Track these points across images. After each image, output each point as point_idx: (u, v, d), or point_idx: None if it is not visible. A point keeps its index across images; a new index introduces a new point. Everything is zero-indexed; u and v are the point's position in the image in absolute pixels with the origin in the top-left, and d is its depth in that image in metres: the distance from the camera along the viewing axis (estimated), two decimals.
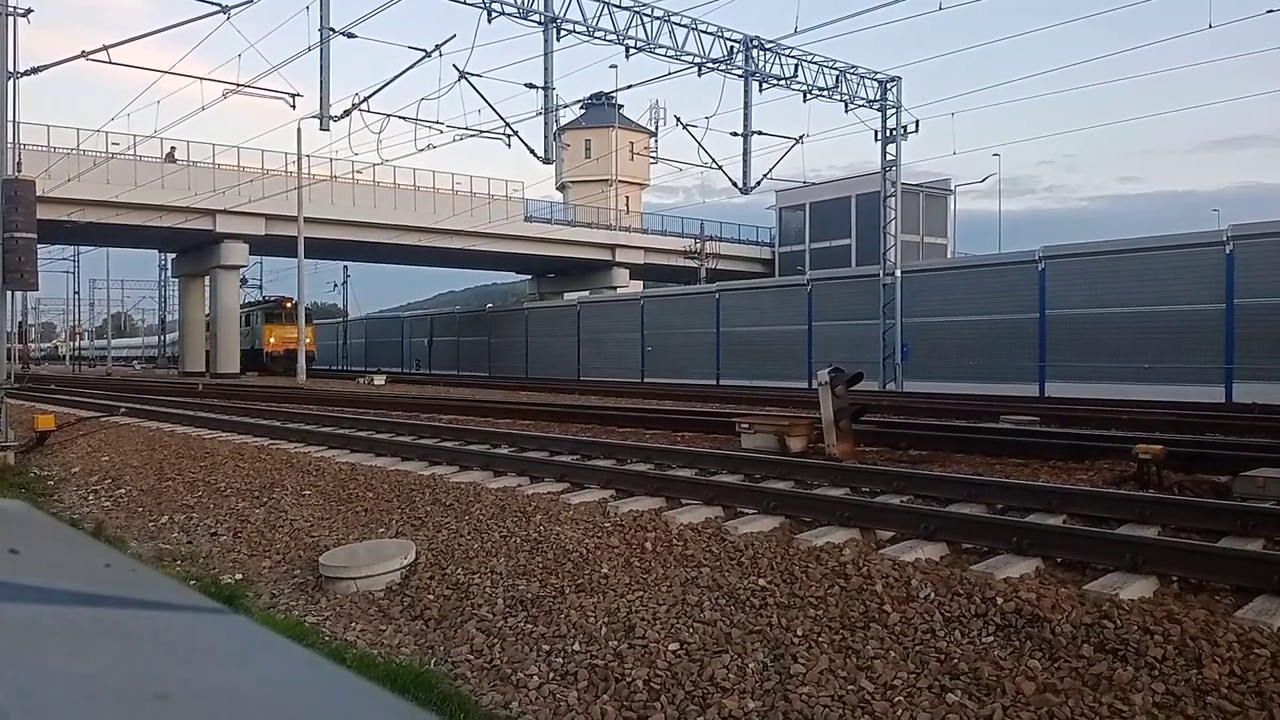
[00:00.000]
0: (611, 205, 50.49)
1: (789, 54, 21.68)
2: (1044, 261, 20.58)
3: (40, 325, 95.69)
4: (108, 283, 70.13)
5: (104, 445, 13.09)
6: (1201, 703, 3.36)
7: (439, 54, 18.61)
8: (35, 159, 28.16)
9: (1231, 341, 17.49)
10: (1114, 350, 19.12)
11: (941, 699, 3.66)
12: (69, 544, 1.08)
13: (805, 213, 47.20)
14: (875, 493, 6.78)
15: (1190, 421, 11.45)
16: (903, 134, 23.07)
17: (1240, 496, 6.18)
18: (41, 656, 0.59)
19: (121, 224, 35.51)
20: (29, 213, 12.96)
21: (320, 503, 8.15)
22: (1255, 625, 3.73)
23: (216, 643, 0.72)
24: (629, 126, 51.25)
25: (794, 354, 25.62)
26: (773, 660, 4.17)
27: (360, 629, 5.45)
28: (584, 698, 4.23)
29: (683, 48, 20.41)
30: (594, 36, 19.20)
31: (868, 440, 9.60)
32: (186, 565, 7.16)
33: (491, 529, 6.52)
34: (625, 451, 9.06)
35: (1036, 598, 4.18)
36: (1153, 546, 4.71)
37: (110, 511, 9.45)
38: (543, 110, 19.40)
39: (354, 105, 19.27)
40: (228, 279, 40.96)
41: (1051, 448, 8.78)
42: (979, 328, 21.80)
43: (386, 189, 39.49)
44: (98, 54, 17.36)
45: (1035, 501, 6.06)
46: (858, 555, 5.02)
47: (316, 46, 17.47)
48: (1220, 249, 17.83)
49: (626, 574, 5.36)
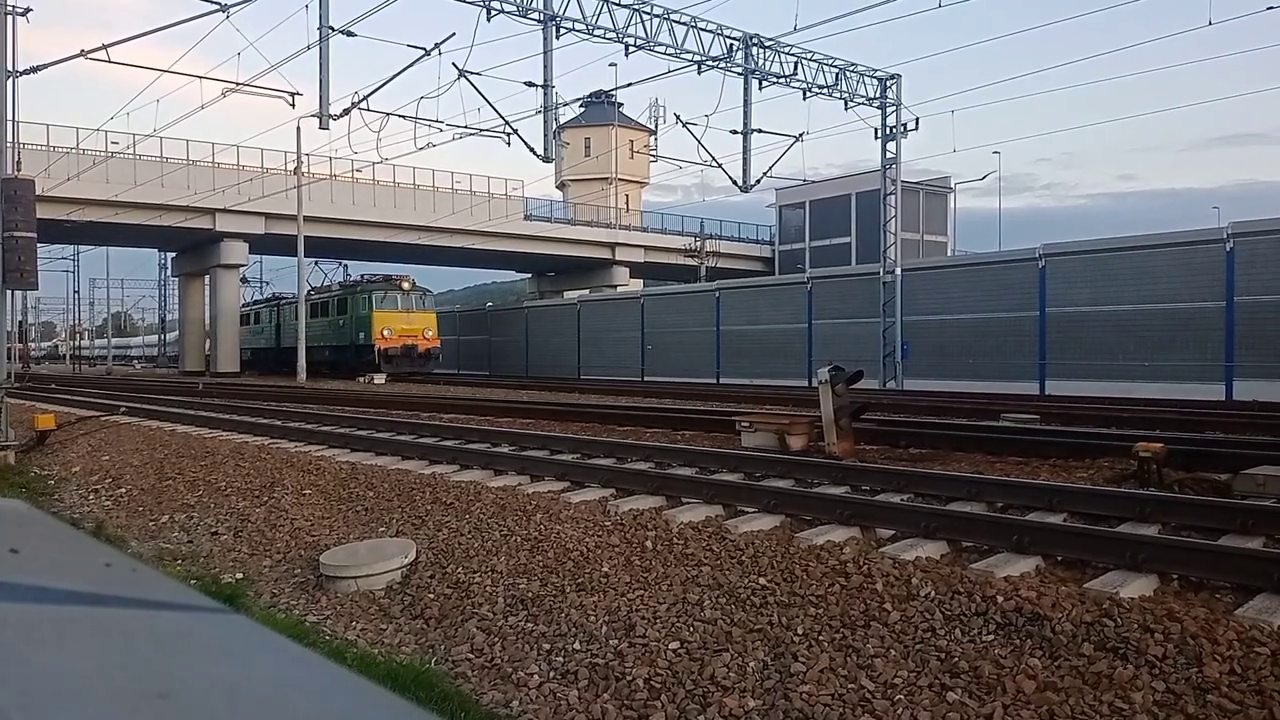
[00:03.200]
0: (611, 204, 50.48)
1: (789, 52, 21.67)
2: (1044, 259, 20.57)
3: (40, 324, 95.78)
4: (107, 282, 70.37)
5: (104, 445, 13.09)
6: (1202, 701, 3.36)
7: (438, 52, 18.61)
8: (35, 158, 28.17)
9: (1232, 339, 17.49)
10: (1114, 348, 19.12)
11: (942, 697, 3.66)
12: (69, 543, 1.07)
13: (805, 211, 47.22)
14: (875, 491, 6.78)
15: (1190, 419, 11.44)
16: (902, 132, 23.05)
17: (1240, 494, 6.18)
18: (42, 656, 0.59)
19: (121, 223, 35.54)
20: (29, 212, 12.96)
21: (321, 502, 8.15)
22: (1255, 623, 3.73)
23: (217, 642, 0.71)
24: (629, 125, 51.26)
25: (794, 352, 25.61)
26: (773, 659, 4.17)
27: (361, 628, 5.45)
28: (584, 696, 4.23)
29: (682, 46, 20.40)
30: (593, 34, 19.18)
31: (868, 438, 9.60)
32: (187, 564, 7.16)
33: (492, 528, 6.52)
34: (625, 450, 9.06)
35: (1037, 596, 4.18)
36: (1153, 545, 4.71)
37: (111, 511, 9.46)
38: (542, 108, 19.39)
39: (354, 104, 19.27)
40: (227, 278, 40.98)
41: (1052, 446, 8.78)
42: (979, 326, 21.79)
43: (386, 188, 39.51)
44: (97, 53, 17.35)
45: (1035, 500, 6.05)
46: (858, 554, 5.02)
47: (316, 45, 17.46)
48: (1220, 247, 17.82)
49: (627, 573, 5.36)
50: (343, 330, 33.66)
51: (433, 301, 34.76)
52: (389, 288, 32.36)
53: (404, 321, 31.65)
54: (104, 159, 31.48)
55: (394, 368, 30.42)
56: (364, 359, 31.46)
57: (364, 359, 31.46)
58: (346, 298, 33.91)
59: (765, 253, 50.84)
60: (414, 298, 32.68)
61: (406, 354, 31.00)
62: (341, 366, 32.98)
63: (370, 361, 30.83)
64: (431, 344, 32.20)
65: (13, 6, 13.88)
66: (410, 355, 31.02)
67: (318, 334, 34.53)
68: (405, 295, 32.37)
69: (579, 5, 18.93)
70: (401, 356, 30.87)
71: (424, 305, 33.20)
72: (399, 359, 30.84)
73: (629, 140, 49.06)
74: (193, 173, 34.89)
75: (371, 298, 32.11)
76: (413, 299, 32.52)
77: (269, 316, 42.48)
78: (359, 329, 32.25)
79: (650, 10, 19.83)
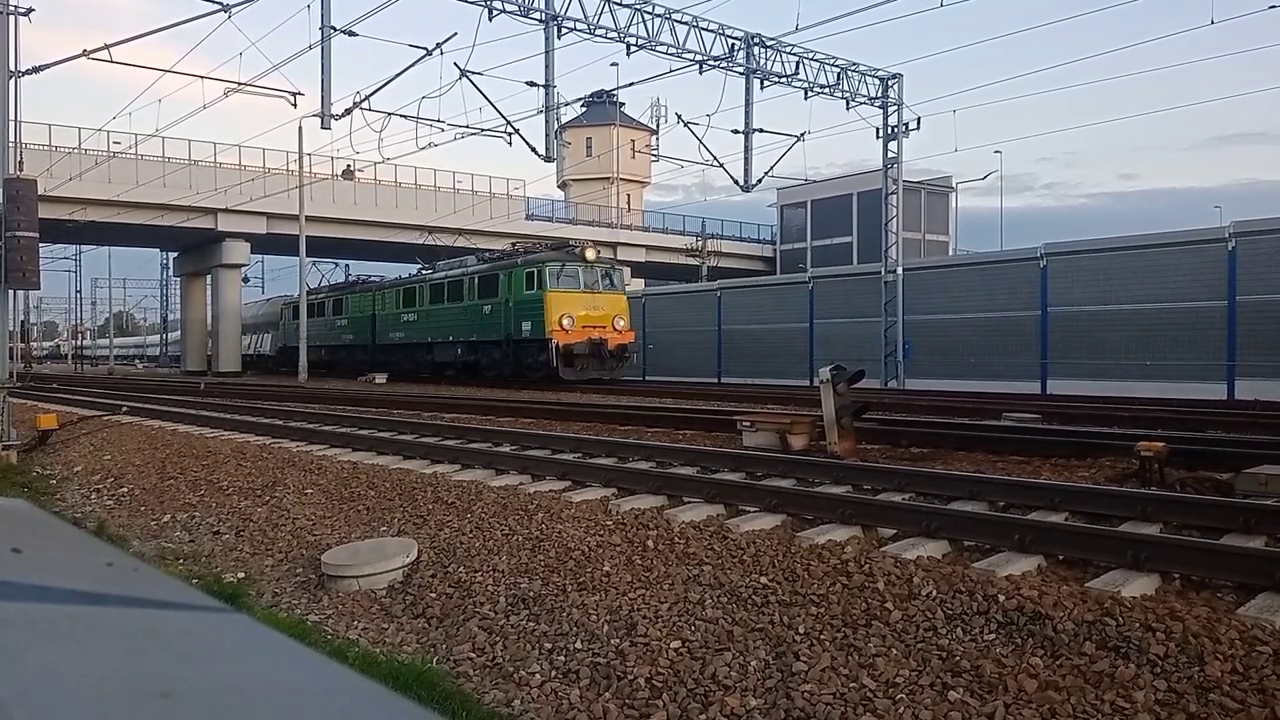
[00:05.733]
0: (613, 203, 50.51)
1: (790, 51, 21.67)
2: (1046, 259, 20.56)
3: (42, 324, 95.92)
4: (109, 281, 70.29)
5: (106, 444, 13.11)
6: (1204, 700, 3.35)
7: (440, 52, 18.64)
8: (37, 158, 28.21)
9: (1234, 338, 17.47)
10: (1116, 347, 19.10)
11: (943, 696, 3.66)
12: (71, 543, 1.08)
13: (807, 210, 47.20)
14: (877, 490, 6.78)
15: (1192, 419, 11.43)
16: (904, 131, 23.04)
17: (1242, 494, 6.18)
18: (44, 656, 0.59)
19: (123, 223, 35.61)
20: (31, 212, 12.98)
21: (322, 501, 8.16)
22: (1257, 623, 3.73)
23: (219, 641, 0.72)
24: (630, 124, 51.27)
25: (795, 352, 25.60)
26: (775, 658, 4.17)
27: (362, 627, 5.46)
28: (586, 695, 4.23)
29: (684, 45, 20.41)
30: (595, 34, 19.19)
31: (869, 438, 9.60)
32: (189, 564, 7.17)
33: (493, 527, 6.52)
34: (627, 449, 9.06)
35: (1038, 595, 4.18)
36: (1155, 544, 4.70)
37: (113, 510, 9.47)
38: (544, 108, 19.40)
39: (355, 104, 19.29)
40: (230, 277, 41.04)
41: (1053, 445, 8.77)
42: (981, 325, 21.78)
43: (388, 187, 39.57)
44: (99, 53, 17.39)
45: (1037, 499, 6.05)
46: (859, 553, 5.02)
47: (317, 45, 17.48)
48: (1222, 246, 17.80)
49: (628, 572, 5.36)
50: (491, 320, 24.24)
51: (622, 279, 25.40)
52: (567, 258, 23.18)
53: (589, 305, 22.62)
54: (106, 159, 31.55)
55: (578, 372, 21.75)
56: (529, 360, 22.79)
57: (529, 360, 22.79)
58: (498, 274, 24.26)
59: (767, 252, 50.85)
60: (599, 272, 23.57)
61: (594, 352, 21.96)
62: (489, 370, 24.39)
63: (543, 363, 22.14)
64: (624, 338, 23.09)
65: (14, 6, 13.89)
66: (599, 354, 22.03)
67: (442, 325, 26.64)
68: (589, 269, 23.23)
69: (580, 5, 18.96)
70: (589, 356, 21.89)
71: (613, 284, 24.01)
72: (585, 359, 21.89)
73: (630, 140, 49.07)
74: (195, 172, 34.96)
75: (544, 272, 22.57)
76: (598, 274, 23.46)
77: (355, 305, 33.44)
78: (522, 317, 22.97)
79: (652, 10, 19.83)
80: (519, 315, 23.11)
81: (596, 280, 23.43)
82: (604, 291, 23.47)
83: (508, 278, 23.86)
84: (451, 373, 26.25)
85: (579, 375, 21.73)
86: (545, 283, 22.51)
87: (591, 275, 23.37)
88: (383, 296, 31.27)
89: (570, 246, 24.06)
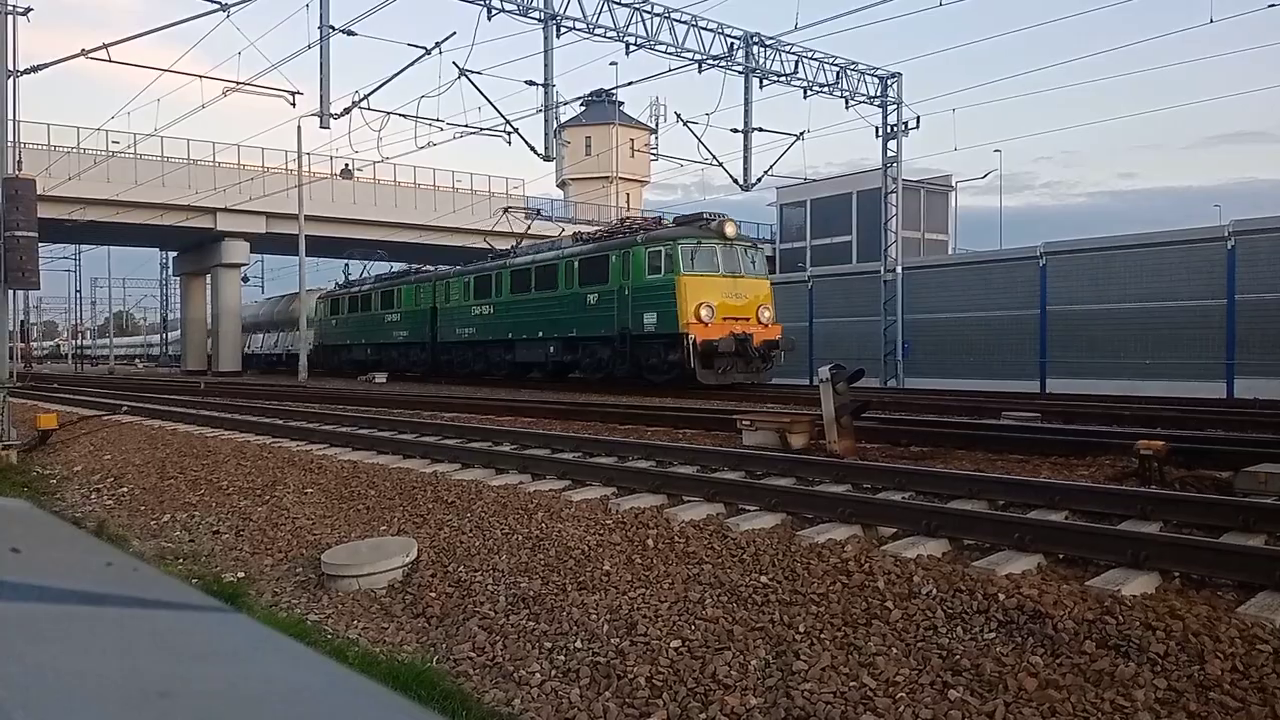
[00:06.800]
0: (612, 202, 50.50)
1: (789, 50, 21.67)
2: (1045, 257, 20.56)
3: (42, 324, 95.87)
4: (109, 281, 70.29)
5: (106, 444, 13.11)
6: (1204, 699, 3.35)
7: (439, 51, 18.63)
8: (36, 157, 28.22)
9: (1233, 337, 17.48)
10: (1115, 346, 19.11)
11: (944, 695, 3.66)
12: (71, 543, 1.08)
13: (806, 209, 47.14)
14: (877, 489, 6.78)
15: (1192, 417, 11.42)
16: (904, 130, 23.04)
17: (1242, 492, 6.18)
18: (43, 655, 0.59)
19: (122, 222, 35.61)
20: (30, 211, 12.97)
21: (322, 500, 8.16)
22: (1257, 621, 3.73)
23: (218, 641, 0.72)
24: (629, 123, 51.25)
25: (795, 350, 25.60)
26: (775, 657, 4.17)
27: (362, 627, 5.46)
28: (586, 695, 4.23)
29: (683, 44, 20.40)
30: (594, 33, 19.18)
31: (869, 437, 9.60)
32: (188, 563, 7.17)
33: (493, 526, 6.52)
34: (626, 449, 9.06)
35: (1038, 594, 4.18)
36: (1155, 543, 4.70)
37: (112, 510, 9.47)
38: (543, 107, 19.39)
39: (354, 103, 19.28)
40: (229, 277, 41.06)
41: (1053, 444, 8.77)
42: (980, 324, 21.79)
43: (387, 187, 39.57)
44: (97, 52, 17.37)
45: (1037, 497, 6.05)
46: (859, 552, 5.02)
47: (316, 44, 17.47)
48: (1221, 245, 17.80)
49: (628, 571, 5.36)
50: (598, 312, 20.22)
51: (764, 261, 21.38)
52: (702, 234, 19.12)
53: (729, 293, 18.72)
54: (105, 158, 31.53)
55: (719, 375, 17.90)
56: (653, 359, 18.82)
57: (653, 359, 18.82)
58: (608, 256, 20.12)
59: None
60: (739, 252, 19.64)
61: (740, 350, 17.96)
62: (593, 372, 20.70)
63: (673, 364, 18.22)
64: (771, 333, 19.24)
65: (13, 6, 13.88)
66: (744, 352, 18.03)
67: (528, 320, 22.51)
68: (728, 248, 19.30)
69: (579, 4, 18.95)
70: (734, 355, 17.91)
71: (755, 266, 20.14)
72: (728, 359, 17.93)
73: (629, 139, 49.03)
74: (194, 172, 34.96)
75: (676, 252, 18.61)
76: (738, 254, 19.54)
77: (410, 298, 28.87)
78: (643, 308, 18.93)
79: (651, 9, 19.83)
80: (639, 305, 19.04)
81: (737, 262, 19.41)
82: (746, 276, 19.51)
83: (621, 260, 19.60)
84: (537, 375, 22.48)
85: (720, 379, 17.94)
86: (678, 265, 18.44)
87: (731, 256, 19.27)
88: (446, 286, 26.82)
89: (705, 220, 19.73)
